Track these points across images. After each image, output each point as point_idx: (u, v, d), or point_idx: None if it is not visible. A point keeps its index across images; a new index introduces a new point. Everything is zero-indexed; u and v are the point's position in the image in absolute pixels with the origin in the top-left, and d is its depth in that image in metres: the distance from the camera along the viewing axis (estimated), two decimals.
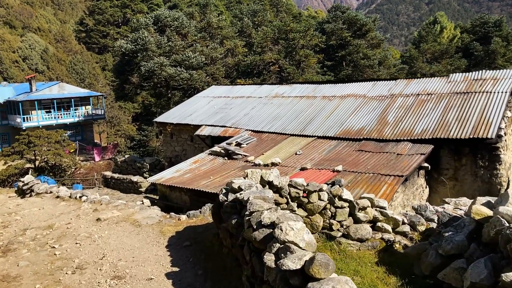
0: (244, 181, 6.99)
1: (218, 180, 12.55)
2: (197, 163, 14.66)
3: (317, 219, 8.08)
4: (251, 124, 17.64)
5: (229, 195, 6.76)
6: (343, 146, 13.89)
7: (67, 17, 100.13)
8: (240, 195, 6.35)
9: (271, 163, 13.07)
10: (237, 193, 6.78)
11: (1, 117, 43.02)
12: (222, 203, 6.94)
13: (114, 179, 23.47)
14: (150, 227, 9.23)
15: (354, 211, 8.08)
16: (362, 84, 17.89)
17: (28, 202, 14.27)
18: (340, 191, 8.07)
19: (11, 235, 9.92)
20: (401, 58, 61.54)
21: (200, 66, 40.44)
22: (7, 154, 32.43)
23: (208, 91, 24.11)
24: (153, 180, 13.44)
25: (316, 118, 16.31)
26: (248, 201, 5.87)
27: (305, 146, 14.41)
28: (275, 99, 19.24)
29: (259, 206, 5.42)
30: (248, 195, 6.08)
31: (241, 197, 6.28)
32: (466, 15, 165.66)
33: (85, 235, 9.05)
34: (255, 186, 6.54)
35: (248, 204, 5.53)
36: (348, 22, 50.32)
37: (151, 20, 40.38)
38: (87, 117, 45.04)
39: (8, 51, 76.69)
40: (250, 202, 5.54)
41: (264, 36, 44.62)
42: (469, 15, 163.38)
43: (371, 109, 15.60)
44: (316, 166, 12.41)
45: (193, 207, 12.40)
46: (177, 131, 21.17)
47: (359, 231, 7.97)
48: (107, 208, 11.43)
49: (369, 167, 11.57)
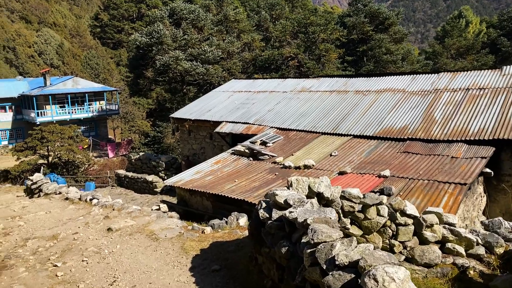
0: (291, 194, 5.49)
1: (244, 184, 11.08)
2: (219, 163, 13.22)
3: (375, 239, 6.56)
4: (276, 121, 16.11)
5: (273, 211, 5.26)
6: (385, 147, 12.25)
7: (82, 12, 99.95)
8: (290, 213, 4.85)
9: (304, 166, 11.54)
10: (283, 209, 5.29)
11: (15, 111, 42.46)
12: (263, 221, 5.46)
13: (128, 178, 22.24)
14: (169, 242, 7.81)
15: (420, 229, 6.53)
16: (399, 78, 16.17)
17: (35, 204, 13.08)
18: (402, 204, 6.54)
19: (10, 246, 8.65)
20: (424, 54, 59.20)
21: (217, 60, 39.02)
22: (20, 149, 31.64)
23: (227, 85, 22.63)
24: (171, 183, 12.05)
25: (350, 115, 14.68)
26: (304, 223, 4.38)
27: (340, 147, 12.82)
28: (302, 94, 17.64)
29: (326, 235, 3.91)
30: (303, 215, 4.57)
31: (292, 216, 4.78)
32: (484, 11, 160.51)
33: (93, 250, 7.69)
34: (310, 202, 5.03)
35: (310, 232, 4.03)
36: (370, 15, 48.26)
37: (166, 13, 39.10)
38: (101, 112, 44.18)
39: (24, 46, 76.70)
40: (313, 228, 4.03)
41: (282, 29, 42.94)
42: (487, 12, 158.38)
43: (413, 105, 13.89)
44: (356, 170, 10.83)
45: (216, 214, 10.96)
46: (195, 128, 19.77)
47: (427, 254, 6.43)
48: (119, 215, 10.08)
49: (421, 172, 9.94)
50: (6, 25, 78.86)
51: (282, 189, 5.88)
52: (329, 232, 3.95)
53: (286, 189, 5.98)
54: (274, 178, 11.21)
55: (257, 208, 5.77)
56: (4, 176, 34.29)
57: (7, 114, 42.11)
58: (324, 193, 6.08)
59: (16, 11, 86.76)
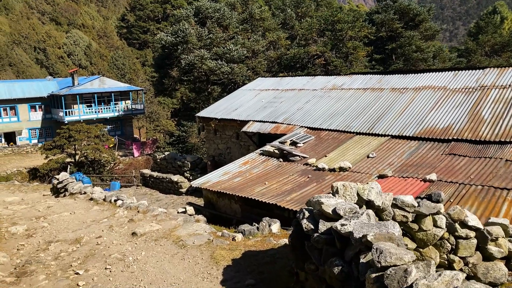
0: (341, 203, 4.76)
1: (275, 187, 10.38)
2: (247, 164, 12.57)
3: (431, 253, 5.80)
4: (306, 120, 15.33)
5: (320, 223, 4.54)
6: (427, 148, 11.28)
7: (110, 13, 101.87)
8: (342, 226, 4.13)
9: (339, 168, 10.73)
10: (332, 220, 4.57)
11: (45, 111, 43.35)
12: (307, 233, 4.75)
13: (153, 178, 21.97)
14: (197, 249, 7.21)
15: (484, 243, 5.71)
16: (439, 74, 15.06)
17: (59, 204, 12.83)
18: (463, 214, 5.74)
19: (32, 249, 8.28)
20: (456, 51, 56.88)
21: (241, 59, 38.50)
22: (49, 148, 32.14)
23: (254, 84, 21.99)
24: (198, 184, 11.49)
25: (386, 114, 13.73)
26: (363, 240, 3.64)
27: (377, 148, 11.92)
28: (333, 92, 16.78)
29: (396, 257, 3.17)
30: (359, 229, 3.84)
31: (346, 230, 4.06)
32: None
33: (117, 257, 7.18)
34: (366, 214, 4.28)
35: (375, 252, 3.29)
36: (400, 12, 46.57)
37: (192, 12, 38.87)
38: (126, 111, 44.50)
39: (54, 47, 78.71)
40: (378, 248, 3.29)
41: (309, 27, 41.96)
42: None
43: (456, 104, 12.82)
44: (398, 173, 9.94)
45: (245, 218, 10.33)
46: (221, 127, 19.24)
47: (491, 272, 5.62)
48: (144, 218, 9.58)
49: (472, 177, 8.96)
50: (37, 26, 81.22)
51: (327, 196, 5.15)
52: (399, 254, 3.20)
53: (331, 196, 5.25)
54: (307, 181, 10.47)
55: (299, 217, 5.07)
56: (33, 174, 34.97)
57: (37, 113, 43.07)
58: (375, 201, 5.34)
59: (47, 13, 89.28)
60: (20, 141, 42.11)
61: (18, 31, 77.26)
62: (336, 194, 5.36)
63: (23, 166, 36.36)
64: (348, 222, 4.16)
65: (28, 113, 42.46)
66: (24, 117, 42.23)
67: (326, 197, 5.11)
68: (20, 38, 76.72)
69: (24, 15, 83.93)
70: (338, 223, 4.22)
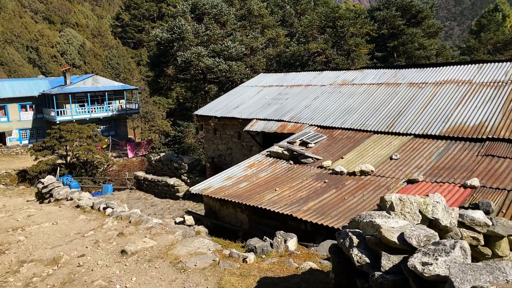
0: (407, 227, 3.40)
1: (287, 193, 9.02)
2: (254, 167, 11.20)
3: None
4: (316, 118, 13.99)
5: (383, 256, 3.18)
6: (458, 148, 9.97)
7: (104, 12, 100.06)
8: (423, 266, 2.77)
9: (360, 172, 9.39)
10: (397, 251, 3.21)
11: (36, 110, 41.76)
12: (360, 267, 3.38)
13: (147, 181, 20.53)
14: (200, 274, 5.83)
15: None
16: (462, 68, 13.78)
17: (42, 212, 11.37)
18: None
19: (2, 271, 6.87)
20: (458, 49, 55.93)
21: (240, 57, 37.13)
22: (38, 149, 30.63)
23: (255, 80, 20.61)
24: (198, 190, 10.09)
25: (406, 110, 12.42)
26: None
27: (400, 148, 10.59)
28: (344, 87, 15.45)
29: None
30: (460, 275, 2.48)
31: (431, 273, 2.71)
32: None
33: (101, 284, 5.78)
34: (460, 247, 2.91)
35: None
36: (402, 8, 45.45)
37: (188, 8, 37.43)
38: (120, 111, 42.99)
39: (47, 46, 76.92)
40: None
41: (309, 24, 40.69)
42: None
43: (486, 99, 11.54)
44: (430, 177, 8.61)
45: (253, 230, 8.95)
46: (221, 126, 17.84)
47: None
48: (136, 231, 8.18)
49: None
50: (30, 25, 79.37)
51: (382, 215, 3.79)
52: None
53: (386, 214, 3.89)
54: (324, 186, 9.12)
55: (344, 244, 3.70)
56: (22, 176, 33.37)
57: (28, 113, 41.48)
58: (441, 220, 3.99)
59: (40, 11, 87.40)
60: (10, 142, 40.52)
61: (10, 30, 75.34)
62: (391, 211, 4.00)
63: (12, 168, 34.83)
64: (433, 259, 2.80)
65: (18, 113, 40.85)
66: (15, 117, 40.63)
67: (381, 217, 3.75)
68: (12, 37, 74.81)
69: (17, 14, 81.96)
70: (415, 261, 2.86)
